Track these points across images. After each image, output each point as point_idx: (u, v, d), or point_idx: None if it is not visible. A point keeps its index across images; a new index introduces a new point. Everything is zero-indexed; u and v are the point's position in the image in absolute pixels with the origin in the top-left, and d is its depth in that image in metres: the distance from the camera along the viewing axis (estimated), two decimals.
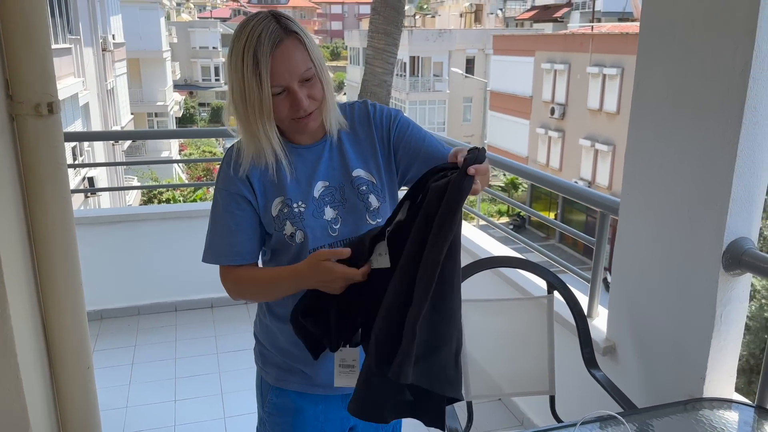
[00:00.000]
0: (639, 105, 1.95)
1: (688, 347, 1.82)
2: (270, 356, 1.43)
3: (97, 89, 17.35)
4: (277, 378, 1.41)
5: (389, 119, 1.35)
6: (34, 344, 1.34)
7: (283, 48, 1.16)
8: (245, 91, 1.17)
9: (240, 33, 1.17)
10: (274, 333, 1.41)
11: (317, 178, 1.29)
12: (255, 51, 1.14)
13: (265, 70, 1.15)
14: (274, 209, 1.27)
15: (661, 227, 1.88)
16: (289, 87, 1.18)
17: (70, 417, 1.47)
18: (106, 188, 15.98)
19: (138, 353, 3.36)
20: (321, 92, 1.22)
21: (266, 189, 1.28)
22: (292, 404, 1.40)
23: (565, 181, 2.64)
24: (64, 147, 1.37)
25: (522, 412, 2.76)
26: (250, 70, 1.15)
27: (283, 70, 1.16)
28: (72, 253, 1.39)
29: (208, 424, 2.76)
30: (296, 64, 1.18)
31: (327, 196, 1.29)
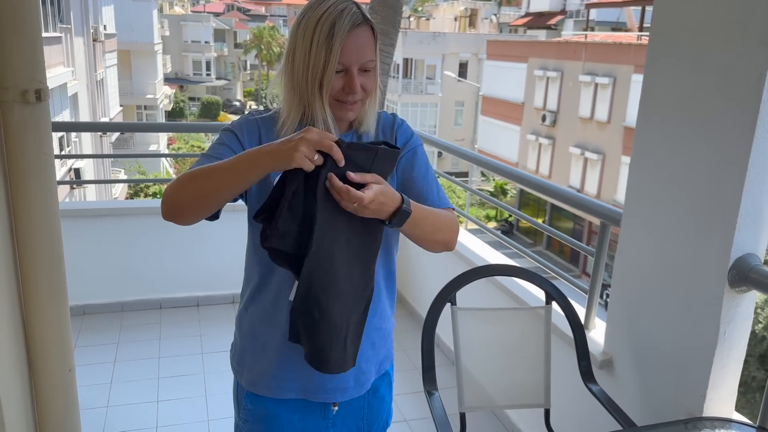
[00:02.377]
0: (646, 115, 1.91)
1: (689, 363, 1.78)
2: (243, 354, 1.36)
3: (87, 80, 17.14)
4: (252, 382, 1.35)
5: (407, 139, 1.36)
6: (13, 344, 1.26)
7: (359, 31, 1.18)
8: (309, 58, 1.18)
9: (320, 3, 1.19)
10: (252, 325, 1.36)
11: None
12: (333, 23, 1.16)
13: (338, 44, 1.16)
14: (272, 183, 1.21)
15: (665, 240, 1.84)
16: (350, 69, 1.19)
17: (49, 421, 1.39)
18: (93, 180, 15.78)
19: (120, 351, 3.28)
20: (372, 87, 1.24)
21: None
22: (267, 411, 1.34)
23: (567, 189, 2.60)
24: (51, 137, 1.30)
25: (513, 423, 2.71)
26: (322, 39, 1.16)
27: (353, 50, 1.18)
28: (56, 249, 1.32)
29: (191, 427, 2.69)
30: (366, 50, 1.20)
31: None
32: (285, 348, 1.28)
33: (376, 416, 1.44)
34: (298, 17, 1.23)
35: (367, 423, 1.42)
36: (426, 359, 1.91)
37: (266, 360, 1.32)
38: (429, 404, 1.84)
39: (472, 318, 2.01)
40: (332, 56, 1.16)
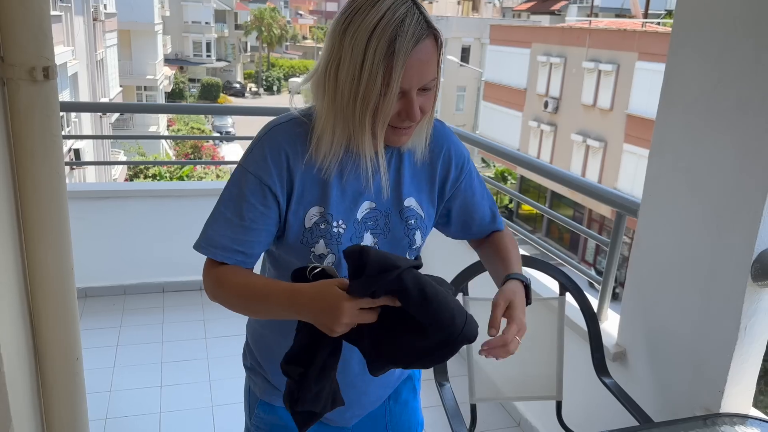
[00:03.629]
0: (668, 103, 1.85)
1: (707, 358, 1.74)
2: (261, 366, 1.27)
3: (87, 59, 17.00)
4: (265, 392, 1.26)
5: (463, 160, 1.19)
6: (20, 332, 1.22)
7: (423, 47, 0.96)
8: (361, 80, 0.95)
9: (374, 3, 0.95)
10: (268, 344, 1.23)
11: (365, 197, 1.09)
12: (395, 38, 0.93)
13: (401, 66, 0.94)
14: (308, 220, 1.06)
15: (685, 231, 1.79)
16: (408, 92, 0.98)
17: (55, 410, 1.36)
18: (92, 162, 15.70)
19: (123, 335, 3.25)
20: (431, 107, 1.04)
21: (306, 191, 1.06)
22: (281, 422, 1.25)
23: (582, 178, 2.55)
24: (59, 117, 1.24)
25: (519, 413, 2.68)
26: (379, 57, 0.94)
27: (414, 72, 0.96)
28: (63, 235, 1.27)
29: (195, 412, 2.66)
30: (428, 70, 0.98)
31: (370, 220, 1.10)
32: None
33: (401, 425, 1.33)
34: (342, 18, 0.98)
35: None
36: None
37: (280, 379, 1.18)
38: (440, 395, 1.81)
39: (484, 308, 1.96)
40: (393, 81, 0.94)
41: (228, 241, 1.05)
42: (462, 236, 1.29)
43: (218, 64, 41.90)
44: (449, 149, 1.18)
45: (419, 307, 0.89)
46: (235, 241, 1.05)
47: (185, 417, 2.63)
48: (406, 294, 0.88)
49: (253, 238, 1.06)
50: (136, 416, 2.62)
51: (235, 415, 2.66)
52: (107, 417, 2.59)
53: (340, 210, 1.08)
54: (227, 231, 1.05)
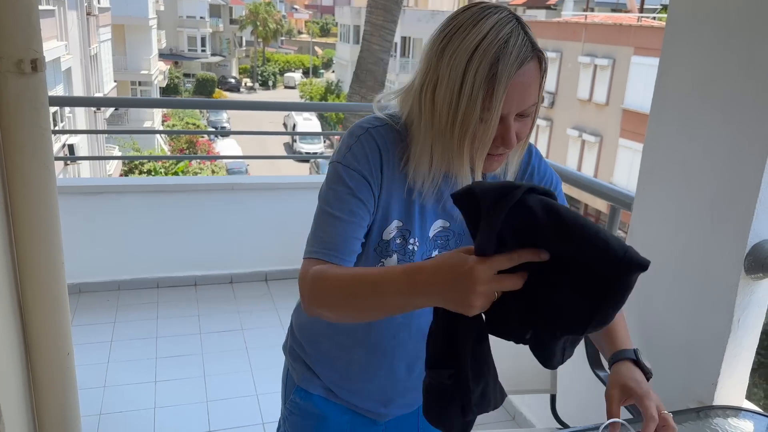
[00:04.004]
0: (662, 96, 1.85)
1: (700, 351, 1.75)
2: (306, 357, 1.22)
3: (80, 54, 16.92)
4: (303, 378, 1.22)
5: (552, 187, 1.12)
6: (10, 328, 1.21)
7: (527, 71, 0.90)
8: (460, 103, 0.90)
9: (475, 22, 0.90)
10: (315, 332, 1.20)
11: (439, 215, 1.06)
12: (497, 60, 0.88)
13: (503, 90, 0.88)
14: (387, 233, 1.03)
15: (679, 225, 1.79)
16: (506, 117, 0.92)
17: (46, 405, 1.35)
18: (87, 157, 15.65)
19: (117, 330, 3.24)
20: (527, 133, 0.98)
21: (392, 202, 1.02)
22: (316, 410, 1.21)
23: (576, 172, 2.56)
24: (48, 110, 1.23)
25: (514, 407, 2.69)
26: (480, 80, 0.88)
27: (515, 97, 0.90)
28: (53, 229, 1.27)
29: (189, 408, 2.66)
30: (530, 94, 0.92)
31: (440, 238, 1.07)
32: (350, 371, 1.18)
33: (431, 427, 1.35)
34: (440, 37, 0.93)
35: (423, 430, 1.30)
36: None
37: (329, 370, 1.20)
38: None
39: None
40: (495, 106, 0.89)
41: (341, 240, 0.97)
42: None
43: (213, 59, 41.76)
44: (532, 176, 1.13)
45: (559, 232, 0.71)
46: (348, 240, 0.97)
47: (180, 412, 2.63)
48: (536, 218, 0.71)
49: (354, 233, 0.98)
50: (131, 412, 2.61)
51: (230, 410, 2.67)
52: (101, 413, 2.58)
53: (417, 227, 1.04)
54: (340, 230, 0.97)
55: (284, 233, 3.91)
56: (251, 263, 3.85)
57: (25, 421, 1.30)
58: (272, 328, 3.36)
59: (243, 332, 3.28)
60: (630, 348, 1.07)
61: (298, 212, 3.99)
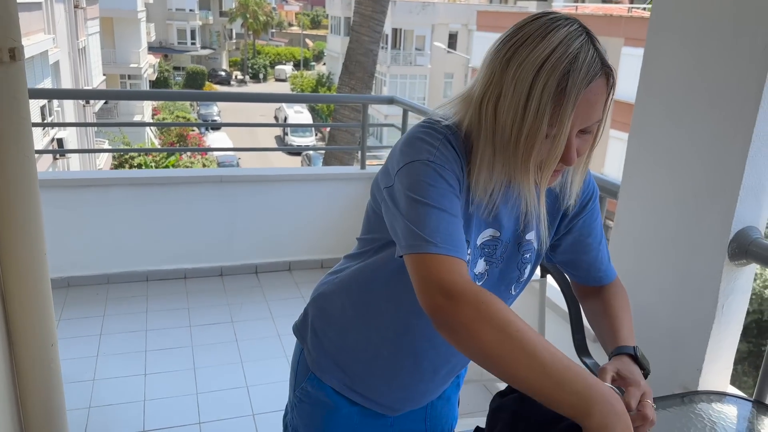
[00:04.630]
0: (647, 85, 1.86)
1: (685, 337, 1.76)
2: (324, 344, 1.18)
3: (69, 48, 16.77)
4: (320, 366, 1.18)
5: (589, 197, 1.11)
6: None
7: (595, 87, 0.87)
8: (526, 118, 0.86)
9: (545, 34, 0.87)
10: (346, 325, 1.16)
11: (489, 224, 1.03)
12: (566, 75, 0.84)
13: (571, 107, 0.85)
14: (480, 238, 1.04)
15: (664, 212, 1.81)
16: (569, 134, 0.89)
17: (31, 396, 1.34)
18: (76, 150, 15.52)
19: (107, 324, 3.23)
20: (587, 149, 0.95)
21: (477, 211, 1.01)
22: (327, 399, 1.19)
23: None
24: (27, 100, 1.22)
25: None
26: (547, 96, 0.85)
27: (581, 113, 0.87)
28: (35, 220, 1.26)
29: (179, 400, 2.66)
30: (595, 111, 0.89)
31: (488, 247, 1.04)
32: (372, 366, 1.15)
33: (440, 418, 1.31)
34: (506, 48, 0.89)
35: (430, 425, 1.29)
36: None
37: (352, 361, 1.17)
38: None
39: None
40: (563, 123, 0.85)
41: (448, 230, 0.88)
42: (574, 276, 1.21)
43: (203, 52, 41.49)
44: (592, 198, 1.12)
45: None
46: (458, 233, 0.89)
47: (169, 405, 2.62)
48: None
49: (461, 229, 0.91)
50: (120, 404, 2.61)
51: (220, 402, 2.67)
52: (90, 406, 2.58)
53: (472, 237, 1.01)
54: (457, 227, 0.90)
55: (274, 226, 3.90)
56: (241, 256, 3.84)
57: (9, 412, 1.29)
58: (262, 321, 3.36)
59: (233, 324, 3.28)
60: (631, 345, 1.07)
61: (287, 204, 3.99)
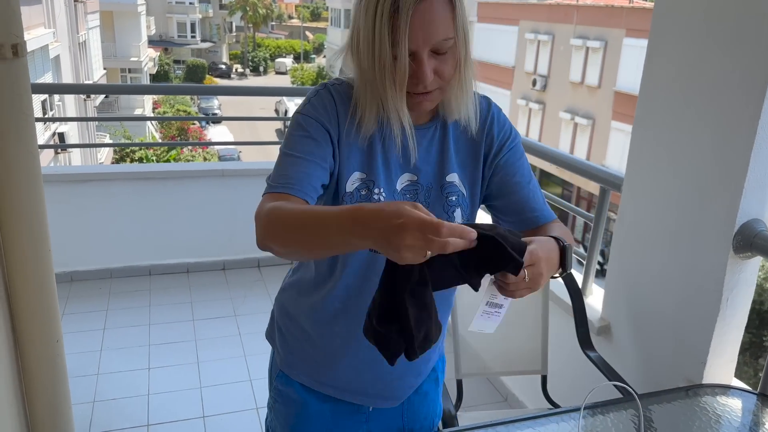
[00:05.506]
0: (650, 79, 1.85)
1: (689, 330, 1.76)
2: (286, 335, 1.23)
3: (69, 42, 16.72)
4: (286, 363, 1.23)
5: (507, 136, 1.14)
6: None
7: (428, 5, 0.93)
8: (375, 46, 0.95)
9: None
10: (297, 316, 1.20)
11: (405, 169, 1.08)
12: None
13: (404, 24, 0.92)
14: (350, 184, 1.06)
15: (668, 205, 1.80)
16: (417, 53, 0.95)
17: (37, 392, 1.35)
18: (77, 144, 15.54)
19: (110, 318, 3.23)
20: (451, 71, 1.00)
21: (352, 155, 1.06)
22: (297, 396, 1.22)
23: (567, 154, 2.56)
24: (30, 96, 1.21)
25: (507, 388, 2.71)
26: (385, 18, 0.93)
27: (419, 32, 0.94)
28: (40, 216, 1.25)
29: (183, 394, 2.66)
30: (436, 28, 0.94)
31: (409, 193, 1.09)
32: (333, 350, 1.16)
33: (418, 414, 1.30)
34: None
35: (408, 421, 1.29)
36: None
37: (309, 350, 1.19)
38: None
39: None
40: (401, 43, 0.92)
41: (302, 176, 0.99)
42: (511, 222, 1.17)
43: (203, 45, 41.37)
44: (492, 125, 1.14)
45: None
46: (308, 176, 1.00)
47: (173, 399, 2.63)
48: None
49: (314, 171, 1.00)
50: (124, 399, 2.61)
51: (224, 396, 2.67)
52: (95, 400, 2.59)
53: (381, 178, 1.07)
54: (299, 167, 1.00)
55: None
56: (243, 249, 3.84)
57: (15, 409, 1.29)
58: (265, 314, 3.33)
59: (236, 318, 3.29)
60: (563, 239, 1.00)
61: None
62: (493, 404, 2.68)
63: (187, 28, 39.92)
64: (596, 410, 1.48)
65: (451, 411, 1.68)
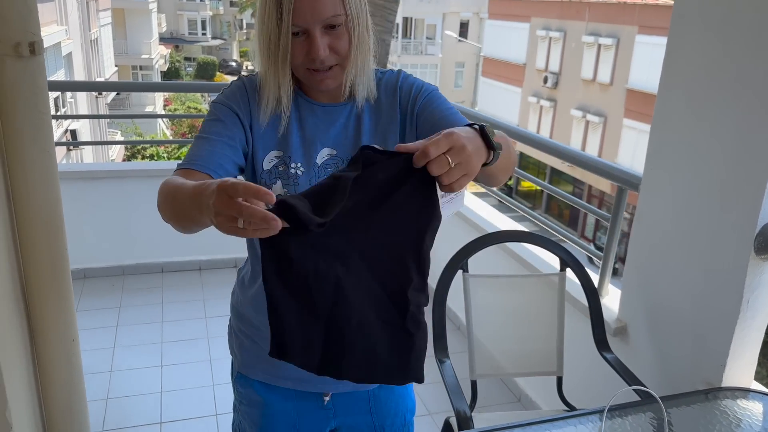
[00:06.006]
0: (669, 76, 1.82)
1: (708, 332, 1.73)
2: (239, 336, 1.27)
3: (81, 39, 16.81)
4: (243, 364, 1.26)
5: (417, 90, 1.16)
6: (14, 314, 1.20)
7: None
8: (264, 23, 1.03)
9: None
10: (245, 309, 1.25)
11: (324, 143, 1.14)
12: None
13: (288, 3, 0.99)
14: (267, 162, 1.12)
15: (687, 205, 1.77)
16: (308, 30, 1.01)
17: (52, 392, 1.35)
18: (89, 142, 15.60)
19: (123, 315, 3.24)
20: (347, 47, 1.05)
21: (267, 136, 1.13)
22: (258, 396, 1.25)
23: (583, 153, 2.53)
24: (47, 94, 1.21)
25: (520, 389, 2.69)
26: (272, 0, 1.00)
27: (306, 7, 1.00)
28: (56, 215, 1.25)
29: (196, 392, 2.67)
30: (323, 5, 1.00)
31: (331, 166, 1.13)
32: None
33: (387, 410, 1.31)
34: None
35: (377, 417, 1.30)
36: (437, 327, 1.87)
37: (261, 345, 1.22)
38: (441, 372, 1.80)
39: (484, 285, 1.96)
40: (283, 20, 1.00)
41: (207, 153, 1.05)
42: None
43: (214, 43, 41.44)
44: (401, 87, 1.17)
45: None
46: (215, 154, 1.06)
47: (187, 396, 2.63)
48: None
49: (220, 149, 1.06)
50: (137, 396, 2.62)
51: None
52: (108, 397, 2.59)
53: (298, 153, 1.12)
54: (206, 146, 1.06)
55: None
56: None
57: (31, 409, 1.29)
58: None
59: None
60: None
61: None
62: (506, 404, 2.66)
63: (198, 26, 40.01)
64: (614, 413, 1.46)
65: (466, 412, 1.67)
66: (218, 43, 42.20)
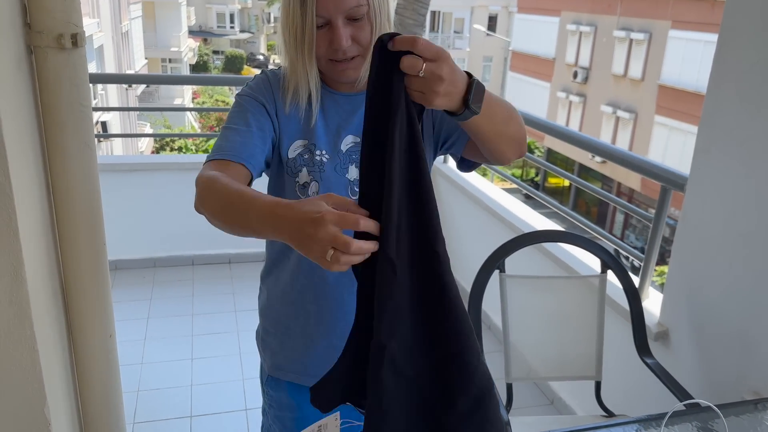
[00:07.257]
0: (720, 72, 1.75)
1: (756, 339, 1.67)
2: (266, 338, 1.28)
3: (112, 31, 17.04)
4: (273, 366, 1.27)
5: None
6: (52, 309, 1.20)
7: None
8: (289, 16, 1.04)
9: None
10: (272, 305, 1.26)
11: (348, 131, 1.15)
12: None
13: None
14: (292, 151, 1.13)
15: (739, 207, 1.71)
16: (332, 20, 1.03)
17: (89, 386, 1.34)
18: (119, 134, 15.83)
19: (154, 307, 3.26)
20: (368, 37, 1.06)
21: (291, 126, 1.14)
22: (289, 399, 1.25)
23: (625, 150, 2.46)
24: (89, 87, 1.20)
25: (553, 392, 2.64)
26: None
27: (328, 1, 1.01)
28: (95, 209, 1.24)
29: (226, 385, 2.67)
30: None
31: (355, 153, 1.14)
32: (310, 331, 1.20)
33: None
34: None
35: None
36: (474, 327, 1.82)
37: (290, 344, 1.23)
38: None
39: (521, 286, 1.91)
40: (308, 11, 1.01)
41: (240, 144, 1.06)
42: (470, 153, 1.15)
43: (242, 36, 41.67)
44: None
45: None
46: (247, 145, 1.06)
47: (217, 390, 2.64)
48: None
49: (250, 139, 1.07)
50: (168, 389, 2.63)
51: None
52: (139, 389, 2.61)
53: (323, 141, 1.13)
54: (238, 137, 1.07)
55: None
56: None
57: (68, 403, 1.29)
58: None
59: None
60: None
61: None
62: (539, 407, 2.61)
63: (227, 19, 40.26)
64: (659, 421, 1.41)
65: (504, 417, 1.62)
66: (246, 36, 42.43)
